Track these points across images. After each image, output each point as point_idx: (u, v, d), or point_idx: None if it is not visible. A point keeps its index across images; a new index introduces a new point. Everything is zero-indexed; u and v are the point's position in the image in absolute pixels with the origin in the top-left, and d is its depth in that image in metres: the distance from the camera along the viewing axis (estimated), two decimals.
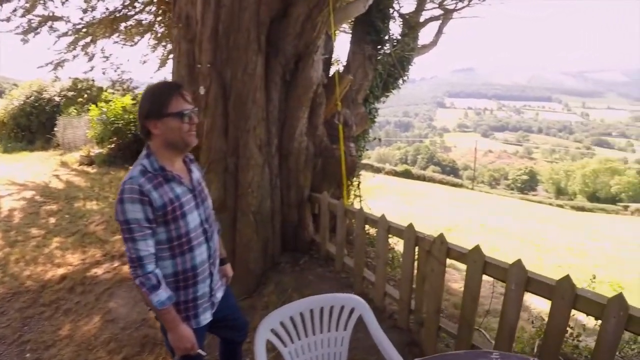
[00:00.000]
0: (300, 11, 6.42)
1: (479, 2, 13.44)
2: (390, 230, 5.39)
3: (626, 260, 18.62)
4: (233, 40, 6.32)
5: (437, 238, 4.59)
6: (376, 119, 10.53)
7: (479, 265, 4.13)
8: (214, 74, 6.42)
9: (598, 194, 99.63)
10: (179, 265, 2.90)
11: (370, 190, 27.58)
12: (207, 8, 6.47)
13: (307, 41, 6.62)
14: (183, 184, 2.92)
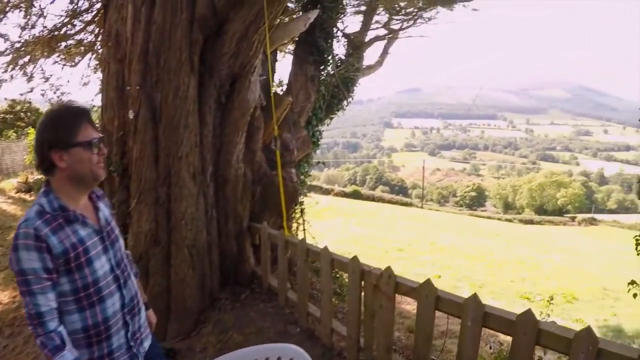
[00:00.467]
0: (236, 29, 6.00)
1: (424, 22, 13.44)
2: (334, 263, 4.98)
3: (577, 271, 18.93)
4: (164, 60, 5.88)
5: (385, 271, 4.20)
6: (321, 141, 10.16)
7: (431, 301, 3.77)
8: (143, 96, 5.96)
9: (545, 207, 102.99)
10: (88, 319, 2.45)
11: (320, 212, 27.38)
12: (137, 25, 6.02)
13: (244, 61, 6.20)
14: (88, 225, 2.48)
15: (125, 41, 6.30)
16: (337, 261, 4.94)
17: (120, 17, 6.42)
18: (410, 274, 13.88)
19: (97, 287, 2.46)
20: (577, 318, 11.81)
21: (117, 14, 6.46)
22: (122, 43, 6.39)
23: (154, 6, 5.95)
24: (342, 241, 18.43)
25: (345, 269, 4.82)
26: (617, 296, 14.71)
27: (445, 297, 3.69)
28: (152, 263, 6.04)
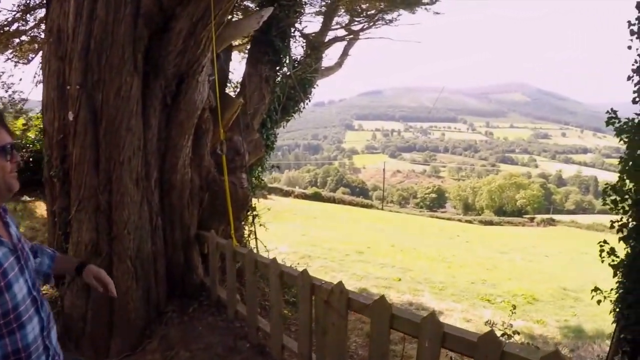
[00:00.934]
0: (183, 25, 5.61)
1: (384, 23, 13.29)
2: (284, 276, 4.67)
3: (536, 271, 19.18)
4: (106, 57, 5.45)
5: (336, 287, 3.90)
6: (277, 144, 9.87)
7: (385, 320, 3.49)
8: (83, 96, 5.52)
9: (504, 208, 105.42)
10: (8, 346, 2.13)
11: (280, 214, 27.15)
12: (79, 20, 5.56)
13: (191, 59, 5.81)
14: (3, 244, 2.14)
15: (66, 37, 5.85)
16: (287, 274, 4.64)
17: (62, 12, 5.95)
18: (370, 278, 13.76)
19: (17, 313, 2.14)
20: (538, 319, 11.90)
21: (60, 8, 5.99)
22: (64, 39, 5.93)
23: (97, 0, 5.54)
24: (301, 244, 18.25)
25: (294, 283, 4.52)
26: (577, 296, 14.89)
27: (400, 316, 3.42)
28: None
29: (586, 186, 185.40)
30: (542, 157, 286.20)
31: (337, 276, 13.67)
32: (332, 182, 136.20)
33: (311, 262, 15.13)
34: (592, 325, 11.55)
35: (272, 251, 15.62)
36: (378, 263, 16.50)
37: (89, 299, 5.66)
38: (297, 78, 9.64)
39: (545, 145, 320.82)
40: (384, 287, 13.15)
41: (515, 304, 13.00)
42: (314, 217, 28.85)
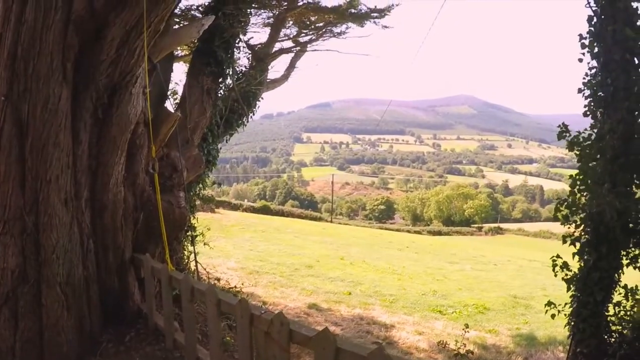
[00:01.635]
0: (116, 33, 5.25)
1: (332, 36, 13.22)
2: (221, 305, 4.32)
3: (486, 280, 19.34)
4: (33, 66, 5.04)
5: (276, 317, 3.58)
6: (218, 159, 9.51)
7: (330, 353, 3.18)
8: (9, 108, 5.10)
9: (453, 218, 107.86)
10: None
11: (228, 228, 26.72)
12: (6, 25, 5.14)
13: (124, 70, 5.44)
14: None
15: None
16: (224, 303, 4.30)
17: None
18: (320, 292, 13.55)
19: None
20: (490, 329, 11.86)
21: None
22: None
23: (27, 3, 5.11)
24: (250, 259, 17.91)
25: (233, 312, 4.18)
26: (527, 304, 15.00)
27: (346, 349, 3.13)
28: (21, 304, 5.18)
29: (532, 195, 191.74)
30: (488, 168, 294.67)
31: (286, 291, 13.48)
32: (281, 194, 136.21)
33: (260, 278, 14.80)
34: (544, 332, 11.61)
35: (219, 267, 15.43)
36: (328, 277, 16.28)
37: (17, 329, 5.20)
38: (241, 90, 9.34)
39: (492, 156, 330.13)
40: (334, 302, 12.93)
41: (466, 314, 13.04)
42: (262, 230, 28.46)
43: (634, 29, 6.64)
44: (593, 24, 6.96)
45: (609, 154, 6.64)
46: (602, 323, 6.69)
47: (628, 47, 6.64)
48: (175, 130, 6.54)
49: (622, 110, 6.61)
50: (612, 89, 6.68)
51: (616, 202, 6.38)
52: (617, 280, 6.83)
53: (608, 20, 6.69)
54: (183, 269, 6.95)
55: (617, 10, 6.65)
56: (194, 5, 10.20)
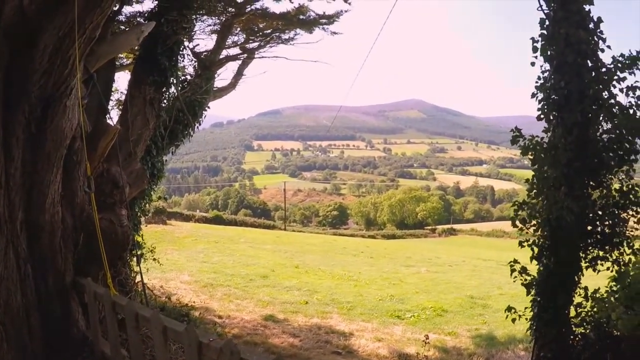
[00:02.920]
0: (48, 40, 4.84)
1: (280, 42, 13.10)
2: (167, 332, 4.00)
3: (442, 282, 19.48)
4: None
5: (226, 346, 3.29)
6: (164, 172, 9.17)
7: None
8: None
9: (406, 221, 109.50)
10: None
11: (181, 240, 26.23)
12: None
13: (58, 80, 5.03)
14: None
15: None
16: (171, 330, 3.98)
17: None
18: (276, 303, 13.41)
19: None
20: (449, 331, 12.02)
21: None
22: None
23: None
24: (203, 271, 17.62)
25: (180, 340, 3.87)
26: (485, 304, 15.18)
27: None
28: None
29: (483, 195, 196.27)
30: (439, 171, 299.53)
31: (242, 303, 13.32)
32: (233, 204, 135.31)
33: (214, 291, 14.55)
34: (503, 331, 11.72)
35: (172, 281, 15.05)
36: (283, 287, 16.13)
37: None
38: (186, 100, 9.02)
39: (442, 159, 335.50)
40: (291, 312, 12.83)
41: (425, 317, 13.05)
42: (215, 241, 28.03)
43: (586, 33, 6.67)
44: (545, 27, 6.99)
45: (564, 158, 6.64)
46: (564, 326, 6.68)
47: (581, 50, 6.68)
48: (115, 143, 6.15)
49: (576, 114, 6.63)
50: (566, 92, 6.72)
51: (573, 206, 6.37)
52: (577, 282, 6.87)
53: (561, 23, 6.72)
54: (129, 291, 6.57)
55: (569, 13, 6.68)
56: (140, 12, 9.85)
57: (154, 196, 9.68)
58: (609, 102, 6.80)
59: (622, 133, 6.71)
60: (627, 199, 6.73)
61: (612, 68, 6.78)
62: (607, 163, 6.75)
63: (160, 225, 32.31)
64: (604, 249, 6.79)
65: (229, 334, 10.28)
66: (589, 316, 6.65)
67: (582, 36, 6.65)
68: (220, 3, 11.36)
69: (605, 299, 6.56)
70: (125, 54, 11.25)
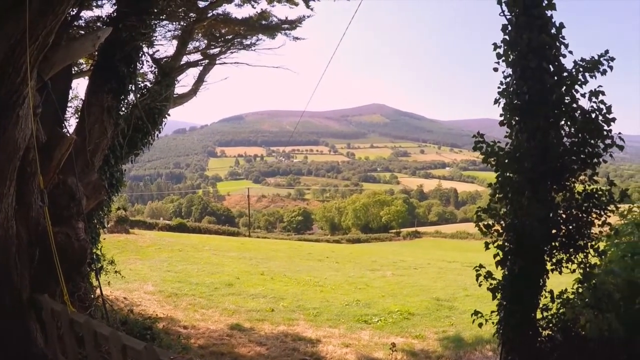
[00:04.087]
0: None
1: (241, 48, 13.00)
2: (127, 350, 3.85)
3: (408, 285, 19.59)
4: None
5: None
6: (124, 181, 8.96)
7: None
8: None
9: (370, 225, 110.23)
10: None
11: (144, 249, 25.79)
12: None
13: (10, 89, 4.81)
14: None
15: None
16: (130, 349, 3.83)
17: None
18: (241, 312, 13.26)
19: None
20: (417, 334, 12.04)
21: None
22: None
23: None
24: (167, 281, 17.28)
25: (140, 359, 3.73)
26: (451, 305, 15.31)
27: None
28: None
29: (447, 198, 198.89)
30: (403, 174, 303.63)
31: (207, 313, 13.13)
32: (197, 211, 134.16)
33: (179, 300, 14.28)
34: (470, 332, 11.77)
35: (136, 292, 14.74)
36: (249, 294, 15.95)
37: None
38: (146, 107, 8.81)
39: (406, 162, 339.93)
40: (257, 320, 12.70)
41: (391, 321, 13.06)
42: (179, 250, 27.61)
43: (549, 38, 6.74)
44: (508, 32, 7.04)
45: (527, 163, 6.69)
46: (531, 329, 6.73)
47: (543, 55, 6.75)
48: (71, 154, 5.93)
49: (539, 119, 6.69)
50: (528, 97, 6.77)
51: (537, 211, 6.42)
52: (543, 285, 6.93)
53: (523, 29, 6.77)
54: (89, 306, 6.36)
55: (532, 18, 6.75)
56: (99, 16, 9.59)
57: (113, 206, 9.43)
58: (571, 106, 6.87)
59: (584, 137, 6.80)
60: (591, 202, 6.80)
61: (574, 72, 6.87)
62: (570, 167, 6.83)
63: (123, 234, 31.73)
64: (568, 252, 6.85)
65: (195, 344, 10.10)
66: (556, 318, 6.71)
67: (545, 41, 6.72)
68: (182, 8, 11.21)
69: (571, 301, 6.65)
70: (85, 59, 11.02)
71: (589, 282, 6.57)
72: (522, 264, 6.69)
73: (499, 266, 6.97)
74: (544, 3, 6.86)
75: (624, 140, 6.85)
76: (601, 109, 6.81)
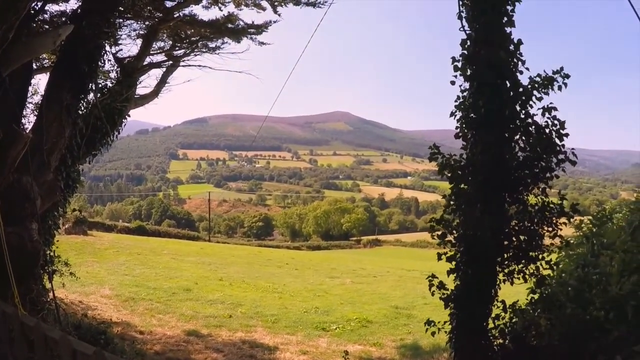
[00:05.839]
0: None
1: (206, 51, 12.92)
2: (77, 356, 3.75)
3: (367, 293, 19.77)
4: None
5: None
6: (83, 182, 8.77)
7: None
8: None
9: (331, 232, 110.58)
10: None
11: (102, 252, 25.32)
12: None
13: None
14: None
15: None
16: (80, 353, 3.73)
17: None
18: (199, 317, 13.12)
19: None
20: (374, 342, 12.15)
21: None
22: None
23: None
24: (125, 285, 16.98)
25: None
26: (409, 314, 15.48)
27: None
28: None
29: (408, 207, 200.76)
30: (365, 182, 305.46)
31: (164, 318, 12.97)
32: (157, 214, 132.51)
33: (136, 305, 14.05)
34: (427, 340, 11.82)
35: (92, 295, 14.43)
36: (207, 300, 15.81)
37: None
38: (105, 107, 8.64)
39: (368, 170, 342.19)
40: (214, 327, 12.60)
41: (349, 329, 13.10)
42: (137, 253, 27.16)
43: (506, 54, 6.89)
44: (466, 47, 7.15)
45: (480, 176, 6.81)
46: (483, 338, 6.83)
47: (500, 71, 6.89)
48: (27, 152, 5.75)
49: (494, 133, 6.83)
50: (484, 111, 6.90)
51: (489, 223, 6.53)
52: (495, 295, 7.07)
53: (481, 45, 6.90)
54: (42, 309, 6.19)
55: (490, 35, 6.87)
56: (64, 11, 9.38)
57: (69, 208, 9.22)
58: (526, 121, 7.06)
59: (538, 152, 6.98)
60: (543, 215, 6.98)
61: (529, 88, 7.03)
62: (523, 181, 7.01)
63: (81, 235, 31.11)
64: (521, 263, 7.00)
65: (150, 350, 9.95)
66: (508, 327, 6.83)
67: (502, 57, 6.86)
68: (148, 7, 11.08)
69: (524, 310, 6.78)
70: (48, 55, 10.80)
71: (540, 293, 6.72)
72: (474, 274, 6.81)
73: (451, 275, 7.08)
74: (503, 20, 7.02)
75: (576, 156, 7.08)
76: (555, 125, 7.03)
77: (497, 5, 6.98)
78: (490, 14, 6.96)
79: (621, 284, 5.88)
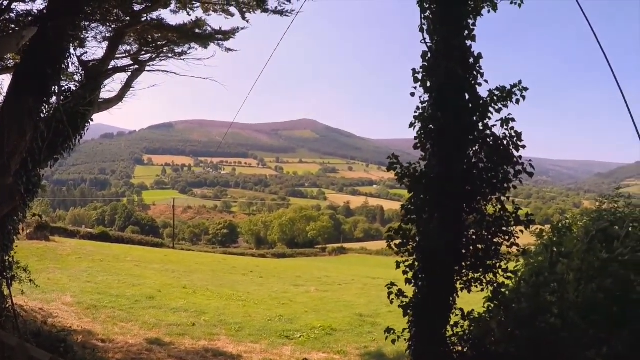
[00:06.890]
0: None
1: (172, 56, 12.86)
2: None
3: (332, 301, 19.81)
4: None
5: None
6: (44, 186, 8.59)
7: None
8: None
9: (296, 240, 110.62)
10: None
11: (64, 258, 24.81)
12: None
13: None
14: None
15: None
16: None
17: None
18: (162, 326, 12.99)
19: None
20: (339, 350, 12.18)
21: None
22: None
23: None
24: (87, 292, 16.71)
25: None
26: (374, 321, 15.49)
27: None
28: None
29: (373, 215, 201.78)
30: (330, 190, 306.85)
31: (127, 326, 12.83)
32: (121, 219, 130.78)
33: (98, 313, 13.83)
34: (391, 348, 11.88)
35: (53, 302, 14.13)
36: (170, 308, 15.63)
37: None
38: (68, 111, 8.48)
39: (334, 178, 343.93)
40: (177, 335, 12.49)
41: (314, 337, 13.10)
42: (100, 260, 26.73)
43: (466, 67, 7.02)
44: (427, 59, 7.27)
45: (437, 186, 6.91)
46: (442, 345, 6.91)
47: (460, 84, 7.02)
48: None
49: (451, 144, 6.95)
50: (443, 123, 7.01)
51: (445, 233, 6.63)
52: (453, 303, 7.18)
53: (442, 58, 7.02)
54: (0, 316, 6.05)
55: (451, 48, 7.00)
56: (30, 11, 9.19)
57: (29, 212, 9.01)
58: (484, 133, 7.21)
59: (495, 162, 7.13)
60: (499, 224, 7.12)
61: (487, 101, 7.16)
62: (481, 191, 7.13)
63: (43, 241, 30.40)
64: (478, 272, 7.11)
65: (112, 359, 9.78)
66: (466, 335, 6.91)
67: (462, 70, 6.98)
68: (116, 10, 10.95)
69: (481, 318, 6.88)
70: (12, 55, 10.58)
71: (498, 301, 6.83)
72: (431, 283, 6.90)
73: (409, 284, 7.16)
74: (464, 33, 7.15)
75: (533, 167, 7.22)
76: (512, 136, 7.20)
77: (458, 20, 7.14)
78: (451, 27, 7.10)
79: (578, 292, 6.01)
